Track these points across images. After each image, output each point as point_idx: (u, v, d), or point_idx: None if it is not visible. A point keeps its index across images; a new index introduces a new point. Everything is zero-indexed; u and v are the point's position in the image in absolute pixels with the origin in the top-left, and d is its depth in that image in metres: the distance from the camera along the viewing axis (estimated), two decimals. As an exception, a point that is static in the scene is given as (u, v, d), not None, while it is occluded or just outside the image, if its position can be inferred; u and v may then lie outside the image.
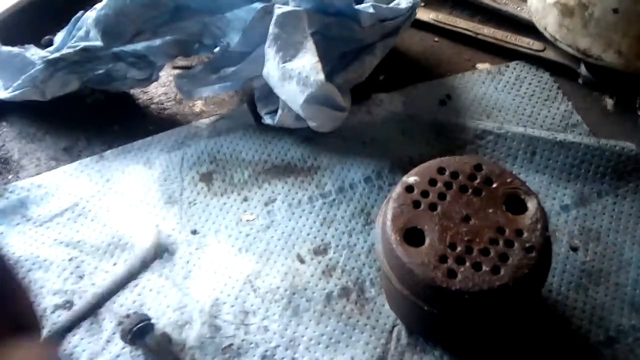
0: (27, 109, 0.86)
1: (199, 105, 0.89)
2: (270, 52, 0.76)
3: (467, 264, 0.53)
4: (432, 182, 0.59)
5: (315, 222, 0.76)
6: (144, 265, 0.72)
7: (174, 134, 0.85)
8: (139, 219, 0.76)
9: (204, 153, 0.83)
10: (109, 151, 0.83)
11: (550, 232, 0.57)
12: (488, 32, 0.96)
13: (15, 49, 0.84)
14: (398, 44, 0.90)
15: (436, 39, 0.97)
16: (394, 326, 0.67)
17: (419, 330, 0.66)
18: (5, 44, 0.87)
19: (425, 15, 0.97)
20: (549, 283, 0.69)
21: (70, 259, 0.73)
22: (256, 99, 0.85)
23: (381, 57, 0.86)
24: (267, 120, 0.83)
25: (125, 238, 0.75)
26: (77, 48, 0.79)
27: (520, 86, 0.90)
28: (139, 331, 0.65)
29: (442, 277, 0.53)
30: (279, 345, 0.66)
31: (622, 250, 0.73)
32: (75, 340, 0.67)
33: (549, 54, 0.92)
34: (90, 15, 0.80)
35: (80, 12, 0.85)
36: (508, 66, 0.92)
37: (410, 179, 0.59)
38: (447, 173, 0.59)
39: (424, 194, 0.58)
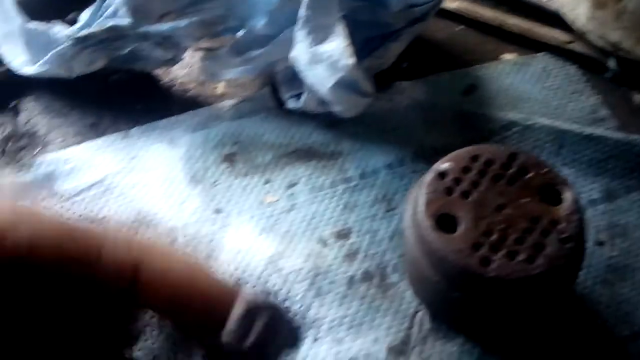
0: (52, 84, 0.85)
1: (221, 88, 0.89)
2: (301, 35, 0.75)
3: (502, 252, 0.53)
4: (466, 169, 0.58)
5: (337, 206, 0.76)
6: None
7: (197, 115, 0.84)
8: (164, 196, 0.76)
9: (227, 135, 0.82)
10: (134, 128, 0.83)
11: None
12: (514, 22, 0.95)
13: (42, 25, 0.84)
14: (422, 31, 0.90)
15: (460, 28, 0.96)
16: (416, 312, 0.67)
17: (444, 317, 0.66)
18: (32, 19, 0.86)
19: (449, 3, 0.96)
20: (574, 276, 0.69)
21: (95, 235, 0.73)
22: (280, 83, 0.85)
23: (406, 44, 0.85)
24: (291, 104, 0.82)
25: (151, 215, 0.75)
26: (106, 26, 0.79)
27: (547, 78, 0.89)
28: (163, 309, 0.65)
29: (477, 264, 0.52)
30: (301, 326, 0.67)
31: (649, 246, 0.73)
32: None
33: (577, 47, 0.90)
34: (119, -7, 0.79)
35: (108, -11, 0.84)
36: (534, 57, 0.92)
37: (443, 165, 0.58)
38: (481, 161, 0.58)
39: (457, 181, 0.57)
